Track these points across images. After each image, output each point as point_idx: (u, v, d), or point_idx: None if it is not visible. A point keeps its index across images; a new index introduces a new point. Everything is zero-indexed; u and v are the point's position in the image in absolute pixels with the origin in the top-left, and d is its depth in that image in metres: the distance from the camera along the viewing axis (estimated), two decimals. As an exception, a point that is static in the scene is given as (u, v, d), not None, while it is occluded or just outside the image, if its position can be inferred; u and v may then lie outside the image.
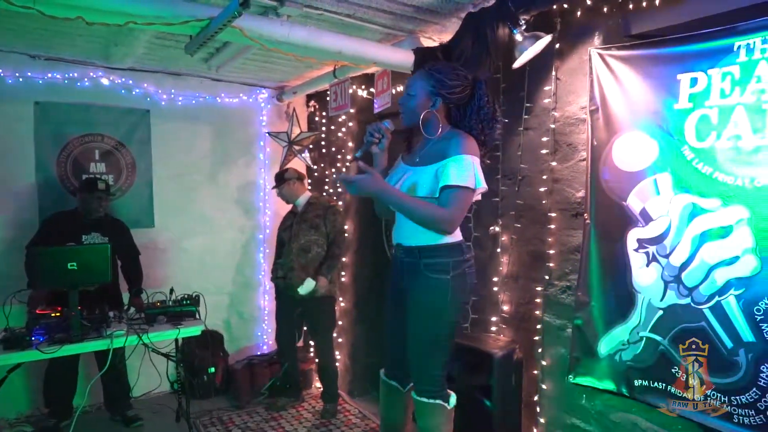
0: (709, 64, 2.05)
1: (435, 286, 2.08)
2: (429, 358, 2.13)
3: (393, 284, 2.29)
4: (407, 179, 2.11)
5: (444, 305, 2.08)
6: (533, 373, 2.78)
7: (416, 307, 2.13)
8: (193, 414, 3.53)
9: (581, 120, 2.54)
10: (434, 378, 2.14)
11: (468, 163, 1.97)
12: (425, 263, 2.08)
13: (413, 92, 2.12)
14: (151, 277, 3.77)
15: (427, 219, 1.99)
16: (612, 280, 2.41)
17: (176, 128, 4.10)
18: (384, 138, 2.17)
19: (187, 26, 2.19)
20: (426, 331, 2.11)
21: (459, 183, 1.95)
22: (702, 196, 2.09)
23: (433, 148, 2.08)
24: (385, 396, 2.40)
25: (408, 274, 2.15)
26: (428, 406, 2.14)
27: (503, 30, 2.49)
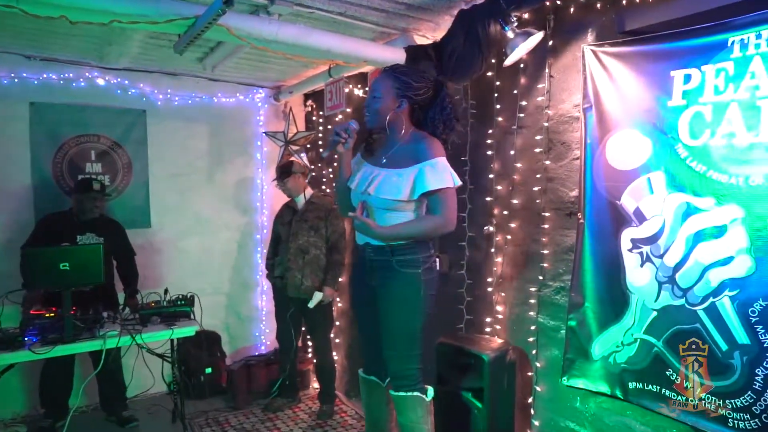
0: (702, 60, 2.00)
1: (408, 280, 2.16)
2: (405, 351, 2.19)
3: (360, 284, 2.36)
4: (382, 181, 2.14)
5: (417, 298, 2.17)
6: (527, 374, 2.74)
7: (391, 303, 2.20)
8: (188, 415, 3.52)
9: (575, 118, 2.50)
10: (411, 371, 2.20)
11: (441, 164, 2.08)
12: (397, 260, 2.16)
13: (378, 94, 2.17)
14: (147, 278, 3.77)
15: (429, 232, 2.15)
16: (606, 280, 2.37)
17: (173, 128, 4.09)
18: (350, 138, 2.20)
19: (173, 25, 2.17)
20: (401, 325, 2.19)
21: (441, 186, 2.06)
22: (696, 195, 2.05)
23: (401, 151, 2.16)
24: (366, 394, 2.45)
25: (379, 272, 2.22)
26: (407, 399, 2.20)
27: (495, 27, 2.46)
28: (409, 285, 2.16)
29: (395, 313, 2.19)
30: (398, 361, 2.22)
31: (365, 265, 2.27)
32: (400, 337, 2.20)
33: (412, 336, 2.19)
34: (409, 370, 2.21)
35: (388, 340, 2.23)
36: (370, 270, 2.24)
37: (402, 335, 2.20)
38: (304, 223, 3.63)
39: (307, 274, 3.58)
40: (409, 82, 2.13)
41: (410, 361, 2.21)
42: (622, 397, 2.32)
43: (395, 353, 2.22)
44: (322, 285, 3.59)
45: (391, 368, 2.25)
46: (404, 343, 2.20)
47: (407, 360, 2.21)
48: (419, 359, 2.22)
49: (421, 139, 2.14)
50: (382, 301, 2.22)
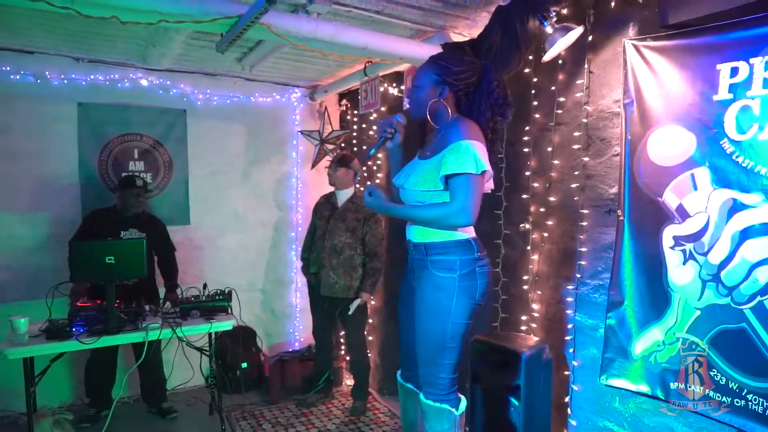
0: (751, 52, 1.95)
1: (441, 284, 2.01)
2: (434, 359, 2.04)
3: (404, 282, 2.26)
4: (414, 173, 2.06)
5: (449, 305, 1.99)
6: (564, 373, 2.71)
7: (422, 306, 2.07)
8: (225, 408, 3.60)
9: (615, 114, 2.46)
10: (440, 381, 2.06)
11: (467, 147, 1.89)
12: (432, 260, 2.03)
13: (419, 83, 2.06)
14: (186, 273, 3.86)
15: (438, 220, 1.95)
16: (647, 278, 2.33)
17: (211, 127, 4.19)
18: (397, 133, 2.13)
19: (216, 24, 2.24)
20: (430, 332, 2.04)
21: (459, 170, 1.87)
22: (743, 191, 2.00)
23: (442, 139, 2.01)
24: (403, 398, 2.38)
25: (417, 271, 2.11)
26: (434, 409, 2.07)
27: (533, 22, 2.44)
28: (440, 289, 2.01)
29: (424, 318, 2.06)
30: (427, 366, 2.08)
31: (409, 264, 2.18)
32: (427, 343, 2.05)
33: (441, 343, 2.02)
34: (436, 378, 2.06)
35: (418, 344, 2.11)
36: (411, 269, 2.16)
37: (430, 341, 2.04)
38: (341, 223, 3.66)
39: (340, 274, 3.61)
40: (449, 66, 2.00)
41: (438, 369, 2.05)
42: (663, 397, 2.27)
43: (424, 358, 2.09)
44: (359, 290, 3.60)
45: (421, 373, 2.13)
46: (432, 350, 2.04)
47: (435, 367, 2.05)
48: (451, 369, 2.06)
49: (456, 122, 1.99)
50: (416, 302, 2.11)
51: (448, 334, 2.01)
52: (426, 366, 2.08)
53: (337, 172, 3.72)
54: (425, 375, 2.10)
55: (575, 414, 2.66)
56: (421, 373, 2.12)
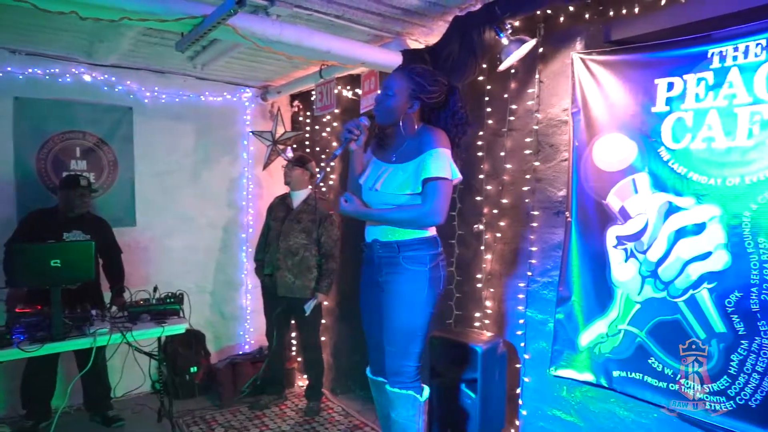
0: (684, 69, 2.16)
1: (414, 277, 2.17)
2: (405, 348, 2.19)
3: (367, 280, 2.36)
4: (388, 177, 2.18)
5: (422, 296, 2.17)
6: (516, 366, 2.86)
7: (394, 298, 2.20)
8: (175, 414, 3.51)
9: (563, 122, 2.63)
10: (408, 369, 2.20)
11: (442, 155, 2.09)
12: (404, 256, 2.17)
13: (392, 92, 2.17)
14: (132, 276, 3.73)
15: (414, 220, 2.13)
16: (592, 275, 2.51)
17: (159, 126, 4.07)
18: (362, 135, 2.24)
19: (181, 23, 2.21)
20: (403, 322, 2.18)
21: (437, 175, 2.06)
22: (677, 194, 2.21)
23: (410, 146, 2.17)
24: (376, 393, 2.46)
25: (385, 267, 2.22)
26: (401, 397, 2.21)
27: (489, 34, 2.57)
28: (414, 281, 2.16)
29: (398, 309, 2.18)
30: (396, 357, 2.21)
31: (373, 261, 2.27)
32: (400, 334, 2.19)
33: (412, 333, 2.18)
34: (405, 367, 2.20)
35: (388, 336, 2.22)
36: (377, 266, 2.24)
37: (402, 332, 2.18)
38: (296, 224, 3.66)
39: (296, 275, 3.61)
40: (424, 84, 2.15)
41: (408, 358, 2.19)
42: (607, 385, 2.46)
43: (394, 349, 2.21)
44: (314, 291, 3.62)
45: (388, 364, 2.24)
46: (404, 340, 2.18)
47: (405, 357, 2.19)
48: (418, 357, 2.22)
49: (427, 131, 2.16)
50: (386, 296, 2.21)
51: (419, 323, 2.18)
52: (396, 356, 2.20)
53: (293, 172, 3.72)
54: (394, 365, 2.21)
55: (526, 404, 2.82)
56: (390, 363, 2.23)
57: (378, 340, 2.30)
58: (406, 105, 2.17)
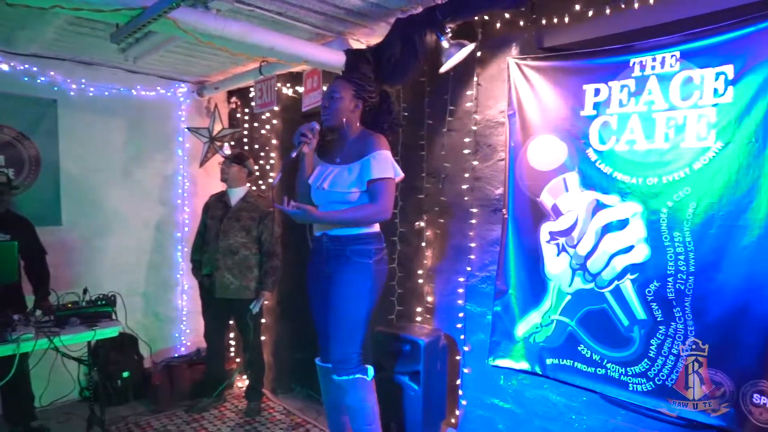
0: (609, 76, 2.33)
1: (359, 269, 2.34)
2: (350, 337, 2.35)
3: (315, 271, 2.49)
4: (335, 177, 2.35)
5: (366, 287, 2.35)
6: (456, 358, 2.96)
7: (340, 288, 2.35)
8: (107, 421, 3.36)
9: (500, 123, 2.76)
10: (353, 355, 2.35)
11: (385, 157, 2.31)
12: (352, 249, 2.34)
13: (338, 95, 2.38)
14: (59, 279, 3.53)
15: (365, 219, 2.31)
16: (527, 269, 2.65)
17: (87, 120, 3.87)
18: (314, 138, 2.39)
19: (118, 14, 2.12)
20: (348, 312, 2.34)
21: (382, 175, 2.27)
22: (604, 192, 2.38)
23: (353, 147, 2.37)
24: (323, 380, 2.57)
25: (334, 260, 2.37)
26: (350, 383, 2.35)
27: (431, 36, 2.65)
28: (360, 273, 2.33)
29: (343, 299, 2.34)
30: (341, 344, 2.36)
31: (321, 254, 2.42)
32: (345, 322, 2.34)
33: (357, 322, 2.35)
34: (350, 354, 2.35)
35: (334, 324, 2.37)
36: (326, 258, 2.39)
37: (348, 320, 2.34)
38: (235, 222, 3.59)
39: (235, 275, 3.55)
40: (364, 85, 2.40)
41: (352, 345, 2.35)
42: (541, 372, 2.61)
43: (339, 337, 2.36)
44: (259, 290, 3.57)
45: (333, 352, 2.38)
46: (348, 328, 2.35)
47: (349, 344, 2.35)
48: (361, 344, 2.38)
49: (368, 135, 2.38)
50: (333, 287, 2.37)
51: (363, 313, 2.36)
52: (342, 345, 2.35)
53: (231, 169, 3.65)
54: (340, 353, 2.35)
55: (466, 394, 2.93)
56: (336, 352, 2.36)
57: (326, 329, 2.43)
58: (351, 105, 2.38)
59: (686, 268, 2.14)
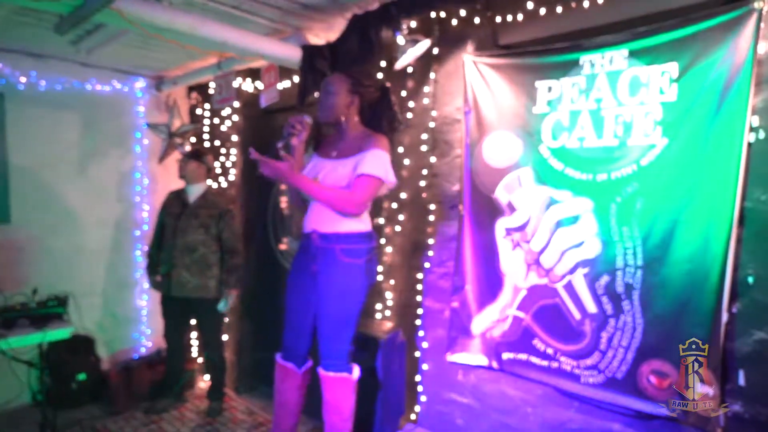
0: (560, 74, 2.37)
1: (350, 269, 2.33)
2: (340, 335, 2.38)
3: (301, 269, 2.46)
4: (328, 171, 2.34)
5: (357, 287, 2.36)
6: (415, 354, 2.97)
7: (333, 289, 2.34)
8: (60, 426, 3.26)
9: (457, 120, 2.77)
10: (343, 353, 2.38)
11: (382, 156, 2.28)
12: (342, 249, 2.32)
13: (332, 90, 2.35)
14: (6, 279, 3.41)
15: (335, 202, 2.25)
16: (484, 264, 2.67)
17: (38, 115, 3.73)
18: (303, 131, 2.35)
19: (58, 4, 2.05)
20: (340, 311, 2.35)
21: (371, 172, 2.23)
22: (556, 188, 2.41)
23: (352, 144, 2.34)
24: (280, 379, 2.56)
25: (322, 258, 2.34)
26: (335, 380, 2.36)
27: (387, 33, 2.64)
28: (350, 274, 2.33)
29: (337, 300, 2.34)
30: (333, 343, 2.37)
31: (309, 251, 2.39)
32: (337, 321, 2.35)
33: (348, 321, 2.37)
34: (341, 351, 2.38)
35: (325, 324, 2.36)
36: (313, 256, 2.37)
37: (339, 320, 2.36)
38: (194, 220, 3.52)
39: (194, 273, 3.49)
40: (360, 80, 2.38)
41: (342, 342, 2.38)
42: (498, 367, 2.64)
43: (332, 336, 2.36)
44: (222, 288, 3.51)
45: (325, 350, 2.39)
46: (340, 328, 2.37)
47: (340, 341, 2.37)
48: (350, 340, 2.41)
49: (370, 134, 2.35)
50: (324, 287, 2.35)
51: (355, 311, 2.38)
52: (332, 342, 2.36)
53: (188, 166, 3.58)
54: (330, 350, 2.36)
55: (425, 390, 2.94)
56: (328, 350, 2.37)
57: (300, 328, 2.44)
58: (347, 100, 2.35)
59: (634, 262, 2.19)
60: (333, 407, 2.41)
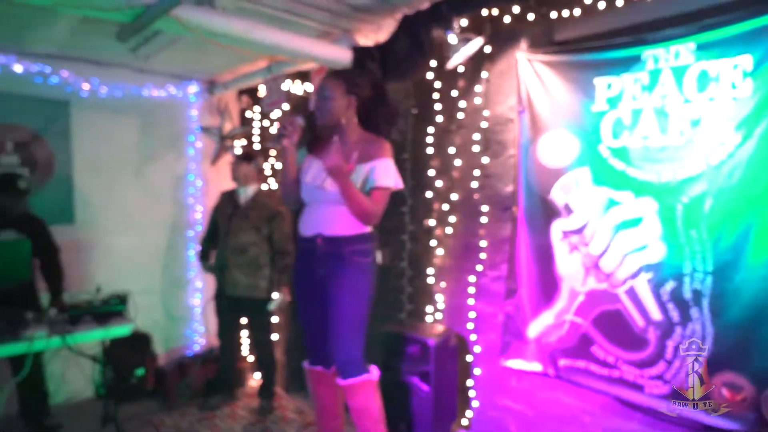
0: (621, 70, 2.27)
1: (360, 269, 2.30)
2: (354, 336, 2.31)
3: (305, 277, 2.41)
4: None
5: (367, 286, 2.32)
6: (466, 359, 2.92)
7: (342, 291, 2.29)
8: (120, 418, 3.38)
9: (510, 119, 2.70)
10: (358, 355, 2.32)
11: (391, 165, 2.25)
12: (350, 250, 2.27)
13: (328, 94, 2.28)
14: (71, 277, 3.56)
15: (365, 213, 2.21)
16: (539, 268, 2.60)
17: (99, 120, 3.89)
18: (294, 133, 2.29)
19: (121, 13, 2.12)
20: (352, 312, 2.30)
21: (386, 185, 2.23)
22: (616, 189, 2.31)
23: (353, 149, 2.23)
24: (313, 384, 2.54)
25: (329, 262, 2.29)
26: (356, 385, 2.31)
27: (438, 32, 2.60)
28: (360, 274, 2.29)
29: (347, 302, 2.28)
30: (347, 347, 2.30)
31: (313, 256, 2.33)
32: (350, 324, 2.29)
33: (360, 322, 2.32)
34: (356, 354, 2.32)
35: (337, 328, 2.30)
36: (319, 260, 2.31)
37: (352, 322, 2.29)
38: (245, 221, 3.58)
39: (246, 274, 3.55)
40: (354, 79, 2.32)
41: (356, 344, 2.32)
42: (554, 374, 2.55)
43: (344, 340, 2.30)
44: (273, 288, 3.56)
45: (338, 356, 2.33)
46: (353, 330, 2.30)
47: (354, 344, 2.31)
48: (363, 342, 2.35)
49: (374, 140, 2.29)
50: (333, 290, 2.29)
51: (365, 311, 2.33)
52: (347, 346, 2.30)
53: (240, 168, 3.65)
54: (346, 355, 2.31)
55: (478, 395, 2.88)
56: (341, 355, 2.32)
57: (318, 332, 2.40)
58: (345, 102, 2.28)
59: (703, 267, 2.07)
60: (361, 412, 2.35)
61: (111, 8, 2.04)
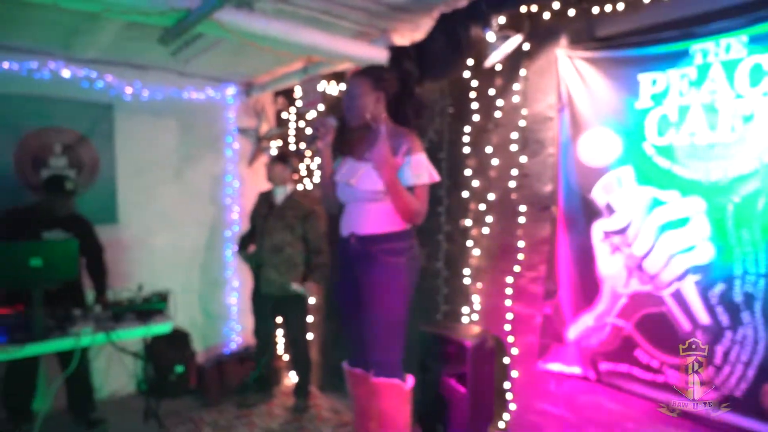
0: (667, 65, 2.19)
1: (390, 269, 2.21)
2: (388, 339, 2.24)
3: (344, 278, 2.37)
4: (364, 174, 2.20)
5: (401, 286, 2.23)
6: (504, 361, 2.88)
7: (375, 291, 2.23)
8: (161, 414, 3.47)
9: (549, 118, 2.65)
10: (393, 358, 2.26)
11: (423, 160, 2.18)
12: (383, 249, 2.21)
13: (356, 93, 2.25)
14: (114, 275, 3.67)
15: (413, 211, 2.16)
16: (579, 269, 2.54)
17: (141, 122, 4.00)
18: (328, 134, 2.28)
19: (165, 17, 2.17)
20: (386, 313, 2.23)
21: (425, 181, 2.17)
22: (662, 188, 2.24)
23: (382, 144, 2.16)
24: (353, 385, 2.48)
25: (363, 262, 2.25)
26: (387, 386, 2.24)
27: (475, 30, 2.58)
28: (394, 273, 2.21)
29: (380, 302, 2.22)
30: (380, 349, 2.25)
31: (348, 256, 2.30)
32: (382, 326, 2.23)
33: (395, 324, 2.24)
34: (390, 357, 2.26)
35: (373, 328, 2.25)
36: (353, 260, 2.28)
37: (387, 323, 2.23)
38: (280, 221, 3.63)
39: (282, 272, 3.59)
40: (381, 74, 2.27)
41: (391, 347, 2.25)
42: (594, 378, 2.49)
43: (377, 342, 2.25)
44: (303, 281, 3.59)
45: (373, 356, 2.28)
46: (387, 332, 2.23)
47: (389, 347, 2.25)
48: (402, 345, 2.28)
49: (403, 134, 2.21)
50: (367, 290, 2.25)
51: (402, 313, 2.25)
52: (383, 346, 2.25)
53: (275, 168, 3.70)
54: (381, 355, 2.25)
55: (515, 398, 2.84)
56: (376, 355, 2.26)
57: (358, 333, 2.34)
58: (373, 98, 2.23)
59: (756, 270, 1.99)
60: (386, 417, 2.27)
61: (155, 13, 2.09)
